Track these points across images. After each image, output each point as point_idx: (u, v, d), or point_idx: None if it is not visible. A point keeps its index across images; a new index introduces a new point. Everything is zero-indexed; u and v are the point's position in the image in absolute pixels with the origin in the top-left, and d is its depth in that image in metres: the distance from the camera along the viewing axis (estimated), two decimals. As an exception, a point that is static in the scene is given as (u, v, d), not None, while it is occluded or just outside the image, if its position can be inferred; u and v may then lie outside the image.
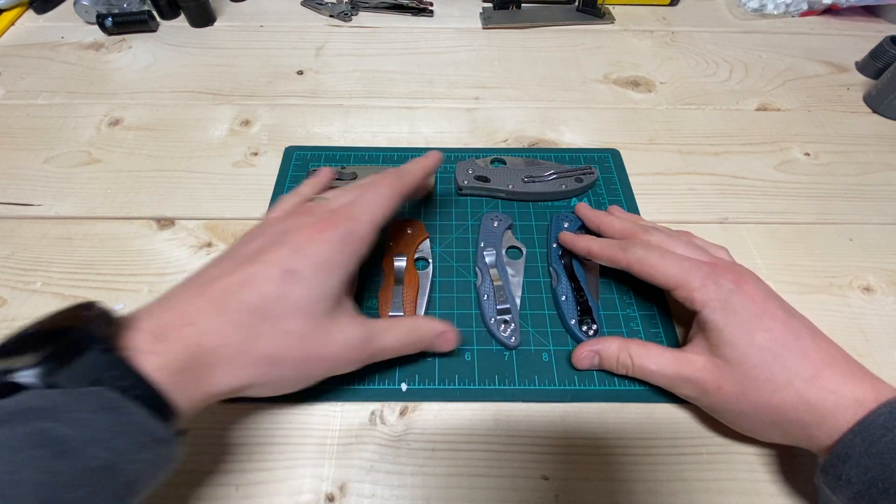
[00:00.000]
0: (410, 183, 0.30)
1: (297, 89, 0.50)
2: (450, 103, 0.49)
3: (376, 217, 0.27)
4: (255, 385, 0.23)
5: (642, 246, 0.30)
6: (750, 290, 0.26)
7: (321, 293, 0.24)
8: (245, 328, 0.22)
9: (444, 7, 0.60)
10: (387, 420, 0.29)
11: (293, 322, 0.23)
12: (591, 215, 0.35)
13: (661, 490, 0.27)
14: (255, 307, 0.22)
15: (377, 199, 0.28)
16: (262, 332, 0.22)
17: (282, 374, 0.24)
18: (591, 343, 0.30)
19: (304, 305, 0.23)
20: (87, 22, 0.56)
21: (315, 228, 0.25)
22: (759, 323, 0.25)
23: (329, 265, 0.24)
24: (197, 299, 0.22)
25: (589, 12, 0.59)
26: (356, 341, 0.25)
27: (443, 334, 0.28)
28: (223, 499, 0.26)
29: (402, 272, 0.34)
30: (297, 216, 0.27)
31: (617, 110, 0.48)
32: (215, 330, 0.22)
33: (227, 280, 0.23)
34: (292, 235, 0.25)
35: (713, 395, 0.26)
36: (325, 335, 0.24)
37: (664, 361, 0.28)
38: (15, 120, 0.46)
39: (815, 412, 0.23)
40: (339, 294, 0.25)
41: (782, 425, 0.25)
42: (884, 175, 0.43)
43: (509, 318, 0.32)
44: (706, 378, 0.26)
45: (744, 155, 0.44)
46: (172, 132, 0.45)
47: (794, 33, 0.58)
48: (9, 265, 0.35)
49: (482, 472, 0.27)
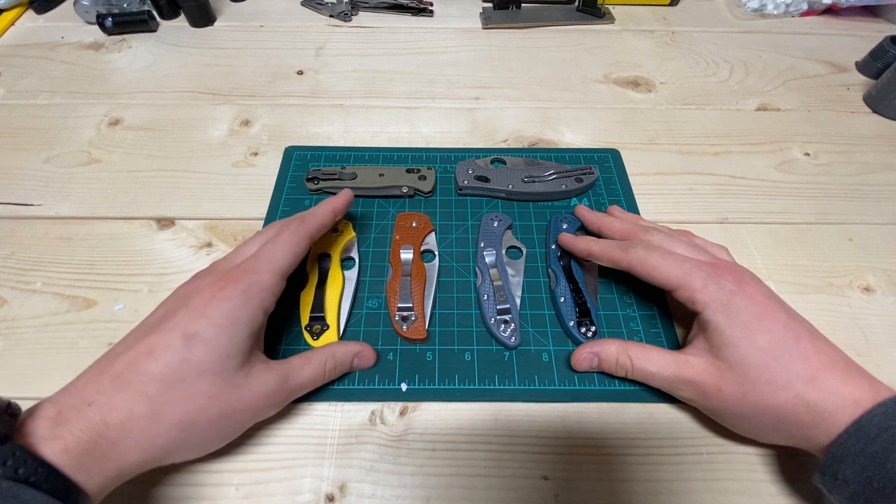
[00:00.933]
0: (316, 226, 0.30)
1: (297, 89, 0.50)
2: (450, 103, 0.49)
3: (279, 267, 0.27)
4: (173, 452, 0.23)
5: (643, 246, 0.30)
6: (751, 292, 0.26)
7: (226, 350, 0.24)
8: (152, 399, 0.22)
9: (444, 7, 0.60)
10: (387, 420, 0.29)
11: (201, 384, 0.23)
12: (591, 217, 0.35)
13: (661, 490, 0.27)
14: (161, 376, 0.22)
15: (279, 249, 0.28)
16: (171, 400, 0.22)
17: (200, 435, 0.24)
18: (590, 345, 0.30)
19: (211, 365, 0.23)
20: (87, 22, 0.56)
21: (215, 287, 0.25)
22: (761, 325, 0.25)
23: (232, 321, 0.24)
24: (100, 378, 0.23)
25: (589, 12, 0.59)
26: (272, 386, 0.26)
27: (359, 354, 0.30)
28: (223, 499, 0.26)
29: (410, 264, 0.34)
30: (199, 278, 0.27)
31: (617, 110, 0.48)
32: (119, 406, 0.22)
33: (130, 354, 0.23)
34: (192, 298, 0.25)
35: (713, 398, 0.26)
36: (238, 388, 0.24)
37: (664, 363, 0.28)
38: (15, 120, 0.46)
39: (814, 413, 0.23)
40: (248, 347, 0.25)
41: (782, 427, 0.25)
42: (884, 175, 0.43)
43: (509, 318, 0.32)
44: (706, 380, 0.26)
45: (744, 155, 0.44)
46: (172, 132, 0.45)
47: (794, 33, 0.58)
48: (9, 265, 0.35)
49: (482, 472, 0.27)
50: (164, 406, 0.22)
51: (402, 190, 0.39)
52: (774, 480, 0.27)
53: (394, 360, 0.31)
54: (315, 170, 0.40)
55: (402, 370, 0.31)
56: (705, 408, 0.27)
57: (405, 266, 0.34)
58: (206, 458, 0.27)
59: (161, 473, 0.27)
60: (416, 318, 0.32)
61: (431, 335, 0.32)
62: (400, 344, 0.32)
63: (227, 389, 0.24)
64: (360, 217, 0.38)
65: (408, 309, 0.32)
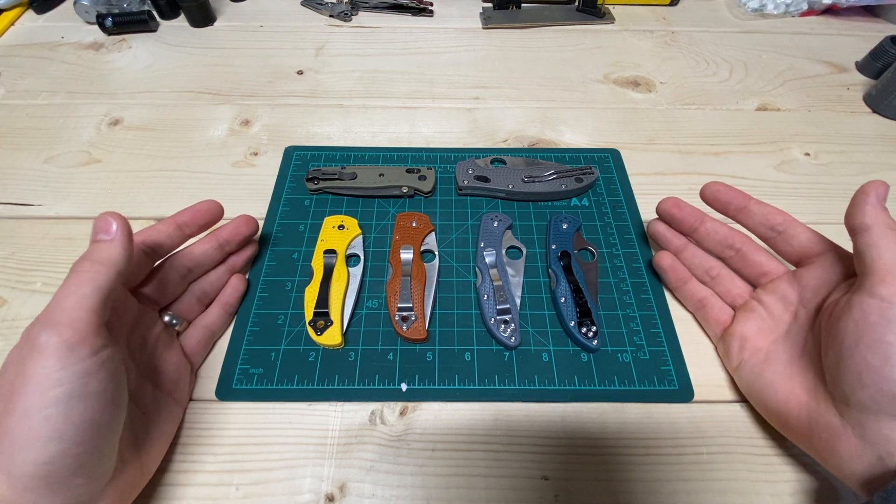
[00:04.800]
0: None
1: (297, 89, 0.50)
2: (450, 103, 0.49)
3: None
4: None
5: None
6: None
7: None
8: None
9: (444, 7, 0.60)
10: (387, 420, 0.29)
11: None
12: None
13: (661, 490, 0.27)
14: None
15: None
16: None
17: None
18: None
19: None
20: (87, 22, 0.56)
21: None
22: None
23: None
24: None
25: (589, 12, 0.59)
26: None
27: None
28: (223, 499, 0.26)
29: (410, 264, 0.34)
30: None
31: (617, 110, 0.48)
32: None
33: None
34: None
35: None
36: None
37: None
38: (15, 120, 0.46)
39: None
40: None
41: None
42: (884, 175, 0.43)
43: (509, 318, 0.32)
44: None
45: (744, 155, 0.44)
46: (172, 132, 0.45)
47: (794, 33, 0.58)
48: (9, 265, 0.35)
49: (482, 472, 0.27)
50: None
51: (402, 190, 0.39)
52: (774, 480, 0.27)
53: (394, 360, 0.31)
54: (315, 170, 0.40)
55: (402, 370, 0.31)
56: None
57: (405, 266, 0.34)
58: (206, 458, 0.27)
59: (160, 473, 0.27)
60: (416, 319, 0.32)
61: (431, 335, 0.32)
62: (400, 344, 0.32)
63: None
64: (361, 217, 0.38)
65: (408, 309, 0.32)
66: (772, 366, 0.28)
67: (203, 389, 0.30)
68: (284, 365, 0.31)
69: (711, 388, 0.30)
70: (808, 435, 0.25)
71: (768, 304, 0.30)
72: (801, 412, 0.25)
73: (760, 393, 0.28)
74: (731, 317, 0.31)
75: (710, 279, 0.33)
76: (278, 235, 0.37)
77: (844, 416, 0.23)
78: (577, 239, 0.36)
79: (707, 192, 0.32)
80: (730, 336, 0.30)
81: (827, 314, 0.26)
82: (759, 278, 0.31)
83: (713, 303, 0.32)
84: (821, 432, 0.24)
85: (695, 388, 0.30)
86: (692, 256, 0.33)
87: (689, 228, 0.33)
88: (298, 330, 0.32)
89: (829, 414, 0.24)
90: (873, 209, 0.24)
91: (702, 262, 0.33)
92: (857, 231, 0.24)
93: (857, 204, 0.25)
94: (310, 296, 0.33)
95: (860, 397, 0.22)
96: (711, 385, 0.31)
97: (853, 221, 0.25)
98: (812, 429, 0.25)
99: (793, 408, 0.26)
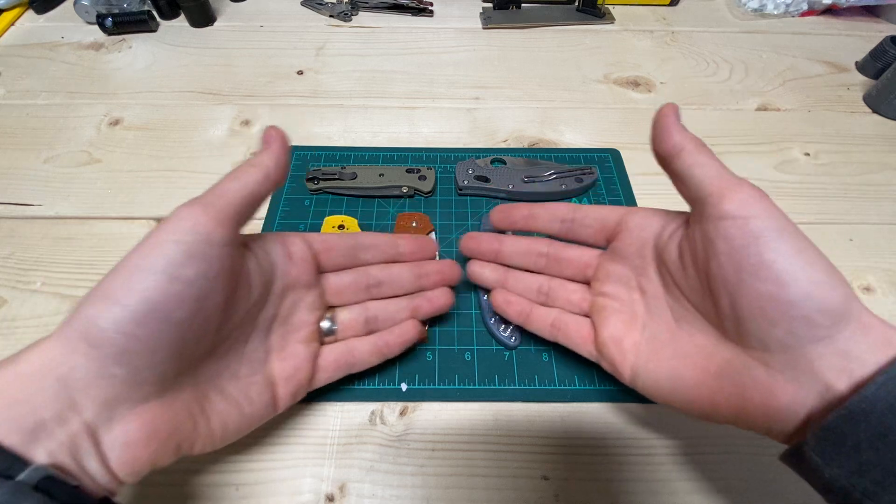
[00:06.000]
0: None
1: (297, 89, 0.50)
2: (450, 103, 0.49)
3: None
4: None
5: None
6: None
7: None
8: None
9: (444, 7, 0.60)
10: (387, 420, 0.29)
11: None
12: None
13: (661, 490, 0.27)
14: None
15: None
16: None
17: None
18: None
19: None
20: (87, 22, 0.56)
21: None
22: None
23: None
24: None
25: (589, 12, 0.59)
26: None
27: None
28: (223, 499, 0.26)
29: None
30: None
31: (617, 110, 0.48)
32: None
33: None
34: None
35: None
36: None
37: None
38: (15, 120, 0.46)
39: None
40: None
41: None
42: (884, 175, 0.43)
43: (509, 318, 0.32)
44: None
45: (744, 155, 0.44)
46: (172, 132, 0.45)
47: (794, 33, 0.58)
48: (9, 265, 0.35)
49: (482, 472, 0.27)
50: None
51: (402, 190, 0.39)
52: (774, 480, 0.27)
53: (394, 360, 0.31)
54: (315, 170, 0.40)
55: (402, 370, 0.31)
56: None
57: None
58: (206, 457, 0.27)
59: (160, 473, 0.27)
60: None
61: (431, 335, 0.32)
62: (400, 344, 0.32)
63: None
64: (361, 217, 0.38)
65: (408, 309, 0.32)
66: (663, 352, 0.24)
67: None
68: (284, 365, 0.31)
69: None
70: (741, 405, 0.21)
71: (611, 293, 0.27)
72: (722, 384, 0.21)
73: (672, 387, 0.23)
74: (591, 327, 0.28)
75: (545, 297, 0.29)
76: (278, 235, 0.37)
77: (770, 364, 0.20)
78: (577, 239, 0.36)
79: (493, 217, 0.31)
80: (603, 346, 0.26)
81: (682, 265, 0.23)
82: (583, 272, 0.29)
83: (565, 320, 0.28)
84: (752, 396, 0.20)
85: (695, 388, 0.30)
86: (516, 282, 0.30)
87: (491, 252, 0.30)
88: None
89: (751, 370, 0.20)
90: (681, 130, 0.23)
91: (527, 283, 0.30)
92: (671, 156, 0.23)
93: (663, 127, 0.23)
94: None
95: (776, 335, 0.19)
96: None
97: (664, 146, 0.23)
98: (743, 396, 0.21)
99: (711, 384, 0.22)
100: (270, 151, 0.24)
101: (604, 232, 0.28)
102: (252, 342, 0.25)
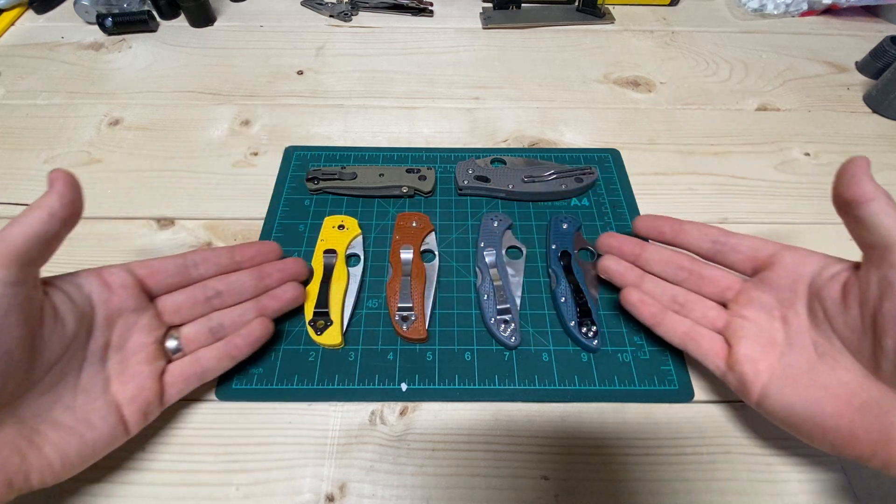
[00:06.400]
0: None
1: (297, 89, 0.50)
2: (450, 103, 0.49)
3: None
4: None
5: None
6: None
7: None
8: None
9: (444, 7, 0.60)
10: (387, 420, 0.29)
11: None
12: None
13: (661, 490, 0.27)
14: None
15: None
16: None
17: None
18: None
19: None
20: (87, 22, 0.56)
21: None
22: None
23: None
24: None
25: (589, 12, 0.59)
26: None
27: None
28: (223, 499, 0.26)
29: (410, 264, 0.34)
30: None
31: (617, 110, 0.48)
32: None
33: None
34: None
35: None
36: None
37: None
38: (15, 120, 0.46)
39: None
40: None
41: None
42: (884, 175, 0.43)
43: (509, 318, 0.32)
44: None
45: (744, 155, 0.44)
46: (172, 132, 0.45)
47: (794, 33, 0.58)
48: (9, 265, 0.35)
49: (482, 472, 0.27)
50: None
51: (402, 190, 0.39)
52: (774, 480, 0.27)
53: (394, 360, 0.31)
54: (315, 170, 0.40)
55: (402, 370, 0.31)
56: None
57: (405, 266, 0.34)
58: (206, 457, 0.27)
59: (160, 473, 0.27)
60: (416, 318, 0.32)
61: (431, 335, 0.32)
62: (400, 344, 0.32)
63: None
64: (361, 217, 0.38)
65: (408, 309, 0.32)
66: (800, 380, 0.25)
67: (203, 389, 0.30)
68: (284, 365, 0.31)
69: (711, 388, 0.30)
70: (884, 442, 0.22)
71: (752, 317, 0.28)
72: (865, 418, 0.22)
73: (808, 414, 0.24)
74: (724, 343, 0.28)
75: (679, 307, 0.30)
76: (278, 235, 0.37)
77: None
78: (578, 239, 0.36)
79: (640, 223, 0.32)
80: (737, 364, 0.27)
81: (844, 304, 0.24)
82: (723, 294, 0.29)
83: (701, 333, 0.29)
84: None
85: (695, 388, 0.30)
86: (653, 287, 0.31)
87: (632, 255, 0.31)
88: (298, 330, 0.32)
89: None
90: (872, 180, 0.24)
91: (664, 290, 0.30)
92: (858, 203, 0.24)
93: (853, 176, 0.24)
94: (309, 295, 0.33)
95: None
96: (711, 385, 0.31)
97: (850, 194, 0.24)
98: (889, 434, 0.21)
99: (853, 416, 0.23)
100: (54, 191, 0.23)
101: (753, 262, 0.28)
102: (86, 371, 0.25)
